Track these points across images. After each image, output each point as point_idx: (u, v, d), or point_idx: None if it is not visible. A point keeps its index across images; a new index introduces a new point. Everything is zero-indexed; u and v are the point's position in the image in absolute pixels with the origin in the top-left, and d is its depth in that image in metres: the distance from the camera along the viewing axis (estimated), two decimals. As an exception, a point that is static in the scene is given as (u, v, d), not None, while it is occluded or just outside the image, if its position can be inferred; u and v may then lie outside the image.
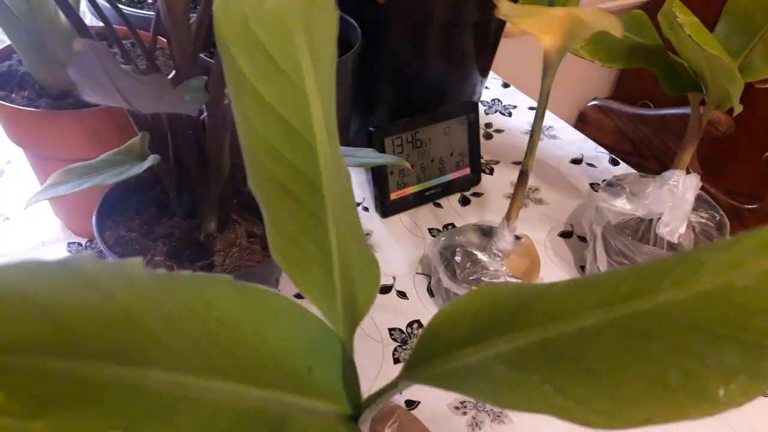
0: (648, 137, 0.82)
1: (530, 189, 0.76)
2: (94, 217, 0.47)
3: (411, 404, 0.51)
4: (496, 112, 0.90)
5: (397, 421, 0.38)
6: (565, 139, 0.86)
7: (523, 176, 0.52)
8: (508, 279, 0.55)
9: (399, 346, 0.56)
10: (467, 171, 0.75)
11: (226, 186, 0.48)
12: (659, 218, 0.56)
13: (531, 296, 0.16)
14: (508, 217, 0.54)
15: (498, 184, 0.77)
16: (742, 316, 0.13)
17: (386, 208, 0.69)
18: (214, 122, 0.44)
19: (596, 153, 0.83)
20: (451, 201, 0.74)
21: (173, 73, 0.44)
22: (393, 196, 0.70)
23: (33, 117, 0.51)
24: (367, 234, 0.68)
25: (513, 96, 0.94)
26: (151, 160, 0.43)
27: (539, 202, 0.75)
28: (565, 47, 0.44)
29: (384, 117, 0.75)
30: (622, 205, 0.58)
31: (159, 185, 0.51)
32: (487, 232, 0.58)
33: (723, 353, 0.13)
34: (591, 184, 0.77)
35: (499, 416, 0.51)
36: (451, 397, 0.52)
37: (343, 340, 0.26)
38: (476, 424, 0.50)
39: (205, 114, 0.45)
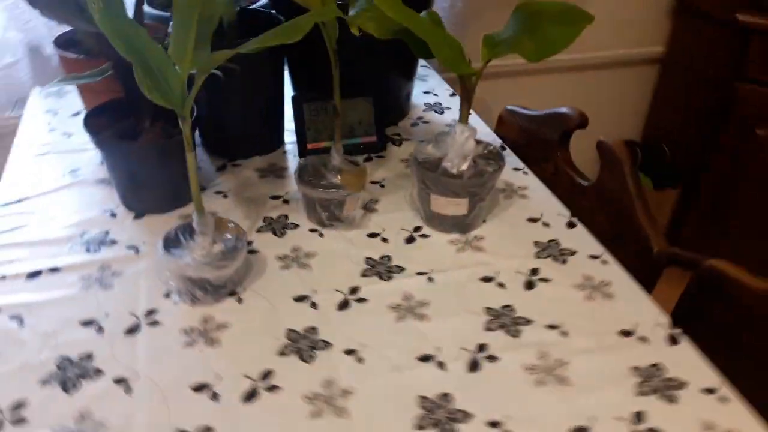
0: (536, 131, 1.03)
1: (422, 158, 1.00)
2: (82, 119, 0.82)
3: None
4: (432, 110, 1.15)
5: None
6: (474, 131, 1.08)
7: (334, 109, 0.78)
8: (337, 188, 0.80)
9: (281, 231, 0.83)
10: (374, 138, 1.01)
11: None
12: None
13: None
14: (336, 144, 0.80)
15: (400, 153, 1.02)
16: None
17: (302, 152, 0.97)
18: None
19: (489, 138, 1.04)
20: (358, 158, 1.00)
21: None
22: (309, 146, 0.98)
23: (73, 61, 0.88)
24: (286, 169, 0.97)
25: (453, 101, 1.19)
26: (108, 67, 0.76)
27: (424, 166, 0.98)
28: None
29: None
30: (428, 149, 0.81)
31: (117, 111, 0.84)
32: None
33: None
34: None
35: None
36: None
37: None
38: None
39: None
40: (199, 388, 0.61)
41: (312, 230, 0.83)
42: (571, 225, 0.85)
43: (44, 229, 0.82)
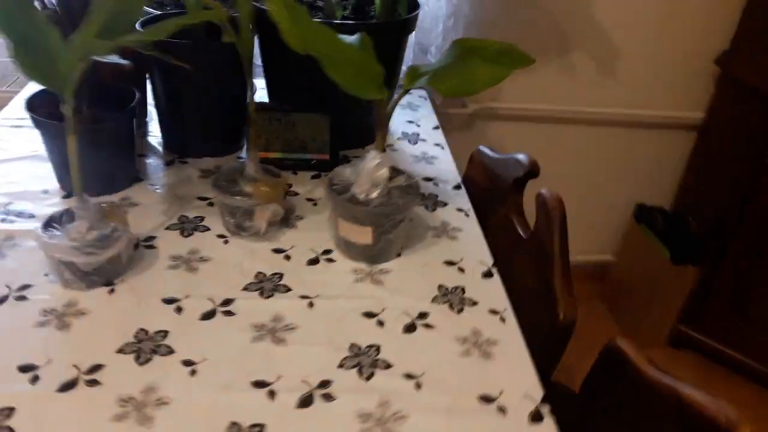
0: (497, 174, 0.99)
1: (371, 183, 0.97)
2: (24, 100, 0.85)
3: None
4: (406, 139, 1.12)
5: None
6: (437, 166, 1.04)
7: (252, 122, 0.77)
8: (246, 197, 0.78)
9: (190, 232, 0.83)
10: (326, 156, 0.99)
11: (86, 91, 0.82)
12: (358, 182, 0.75)
13: None
14: (251, 152, 0.79)
15: (352, 175, 0.99)
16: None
17: (249, 160, 0.97)
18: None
19: (449, 176, 1.00)
20: (306, 174, 0.98)
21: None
22: (260, 155, 0.97)
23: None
24: (229, 173, 0.96)
25: (433, 135, 1.15)
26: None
27: (368, 191, 0.95)
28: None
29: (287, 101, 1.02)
30: (345, 173, 0.78)
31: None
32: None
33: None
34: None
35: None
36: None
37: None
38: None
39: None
40: (25, 368, 0.60)
41: (220, 236, 0.82)
42: (488, 275, 0.79)
43: (-21, 195, 0.85)
